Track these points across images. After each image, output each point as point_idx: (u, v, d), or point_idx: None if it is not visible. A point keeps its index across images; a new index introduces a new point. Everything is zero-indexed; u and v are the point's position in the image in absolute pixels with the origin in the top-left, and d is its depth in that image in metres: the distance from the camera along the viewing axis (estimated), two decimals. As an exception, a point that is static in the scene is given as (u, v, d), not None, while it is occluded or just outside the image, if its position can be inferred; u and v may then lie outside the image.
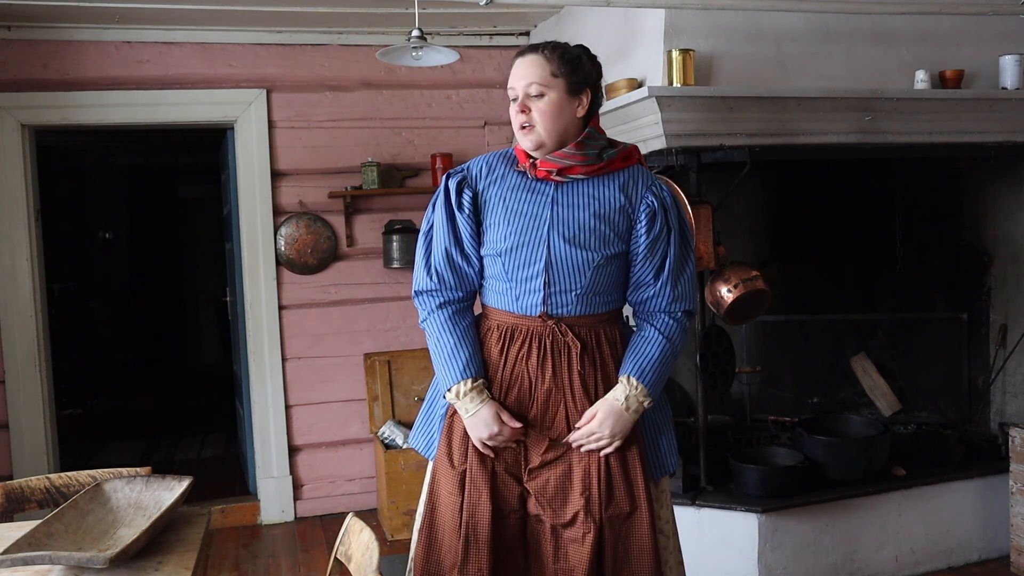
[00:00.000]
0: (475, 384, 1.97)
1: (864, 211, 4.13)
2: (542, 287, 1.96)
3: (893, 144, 3.37)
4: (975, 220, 3.96)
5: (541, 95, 1.93)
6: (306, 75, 4.39)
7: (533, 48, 1.97)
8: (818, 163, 3.55)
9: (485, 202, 2.01)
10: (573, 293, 1.96)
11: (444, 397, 2.04)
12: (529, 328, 1.99)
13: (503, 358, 2.00)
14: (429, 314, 2.09)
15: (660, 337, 2.00)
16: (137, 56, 4.16)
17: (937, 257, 4.08)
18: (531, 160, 1.98)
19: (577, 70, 1.95)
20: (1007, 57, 3.42)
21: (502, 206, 1.98)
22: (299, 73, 4.38)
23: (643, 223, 1.97)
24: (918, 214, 4.05)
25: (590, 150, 1.96)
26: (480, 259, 2.03)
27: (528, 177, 2.00)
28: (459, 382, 1.98)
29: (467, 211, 2.00)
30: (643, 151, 3.23)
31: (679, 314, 2.03)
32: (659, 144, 3.12)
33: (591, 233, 1.95)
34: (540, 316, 1.98)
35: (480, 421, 1.94)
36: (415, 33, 3.02)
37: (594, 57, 2.03)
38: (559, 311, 1.97)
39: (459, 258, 2.04)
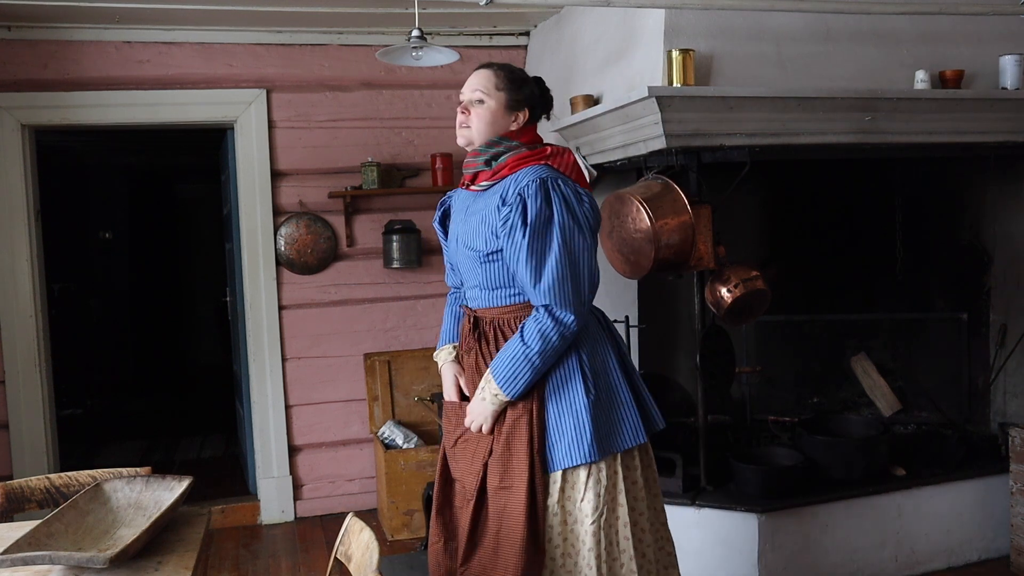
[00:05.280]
0: (443, 349, 2.42)
1: (864, 211, 4.13)
2: (461, 283, 2.33)
3: (893, 144, 3.37)
4: (975, 220, 3.96)
5: (481, 101, 2.19)
6: (306, 75, 4.39)
7: (489, 64, 2.27)
8: (818, 163, 3.55)
9: (452, 218, 2.38)
10: (477, 288, 2.23)
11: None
12: (464, 319, 2.34)
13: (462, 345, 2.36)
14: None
15: (516, 336, 2.12)
16: (137, 56, 4.17)
17: (937, 257, 4.08)
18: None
19: (519, 90, 2.21)
20: (1007, 57, 3.42)
21: (452, 218, 2.37)
22: (299, 73, 4.38)
23: (501, 221, 2.12)
24: (918, 214, 4.05)
25: (481, 156, 2.21)
26: (452, 261, 2.40)
27: (465, 191, 2.31)
28: (438, 352, 2.44)
29: (438, 220, 2.44)
30: (643, 151, 3.25)
31: (540, 311, 2.08)
32: (659, 144, 3.12)
33: (476, 235, 2.19)
34: (464, 307, 2.34)
35: (445, 381, 2.39)
36: (415, 33, 3.02)
37: (545, 88, 2.30)
38: (473, 304, 2.28)
39: (446, 260, 2.46)
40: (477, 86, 2.19)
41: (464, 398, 2.31)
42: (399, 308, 4.57)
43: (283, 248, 4.37)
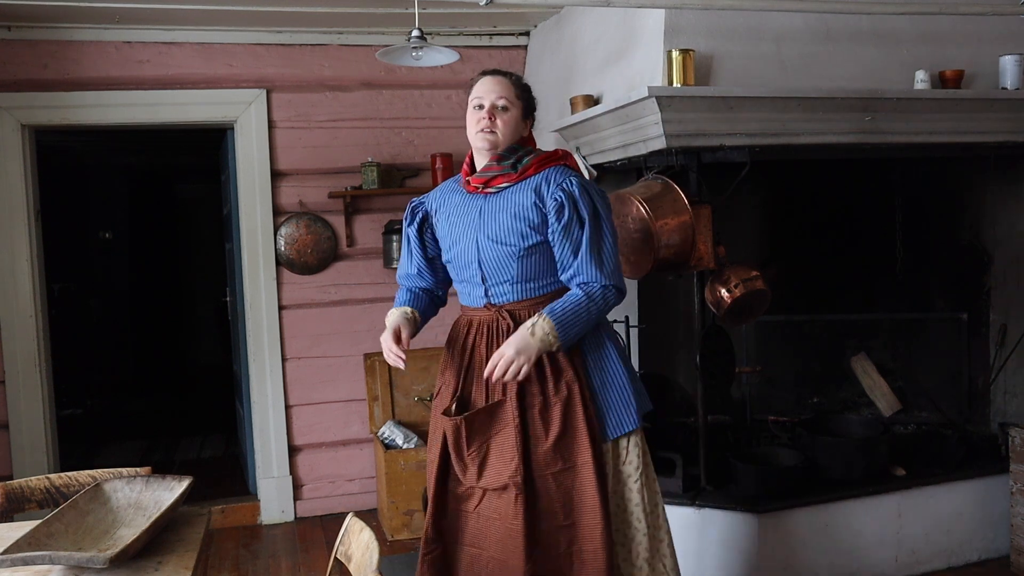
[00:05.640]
0: (400, 308, 2.45)
1: (864, 211, 4.13)
2: (481, 282, 2.34)
3: (893, 144, 3.37)
4: (975, 220, 3.96)
5: (507, 108, 2.31)
6: (306, 75, 4.38)
7: (503, 72, 2.39)
8: (818, 163, 3.55)
9: (437, 221, 2.45)
10: (508, 283, 2.31)
11: None
12: (480, 317, 2.36)
13: (467, 345, 2.37)
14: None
15: (579, 292, 2.26)
16: (137, 56, 4.16)
17: (937, 257, 4.08)
18: (467, 179, 2.38)
19: (530, 101, 2.40)
20: (1007, 57, 3.42)
21: (446, 221, 2.42)
22: (299, 73, 4.38)
23: (552, 213, 2.26)
24: (918, 214, 4.05)
25: (505, 161, 2.31)
26: (420, 265, 2.50)
27: (465, 194, 2.39)
28: (396, 308, 2.46)
29: (415, 227, 2.48)
30: (643, 151, 3.25)
31: (603, 285, 2.28)
32: (659, 144, 3.12)
33: (511, 231, 2.29)
34: (485, 306, 2.35)
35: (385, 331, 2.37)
36: (415, 33, 3.02)
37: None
38: (500, 300, 2.33)
39: (409, 267, 2.52)
40: (502, 93, 2.31)
41: (462, 409, 2.33)
42: (399, 308, 4.56)
43: (283, 248, 4.37)
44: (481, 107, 2.31)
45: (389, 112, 4.51)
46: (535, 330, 2.18)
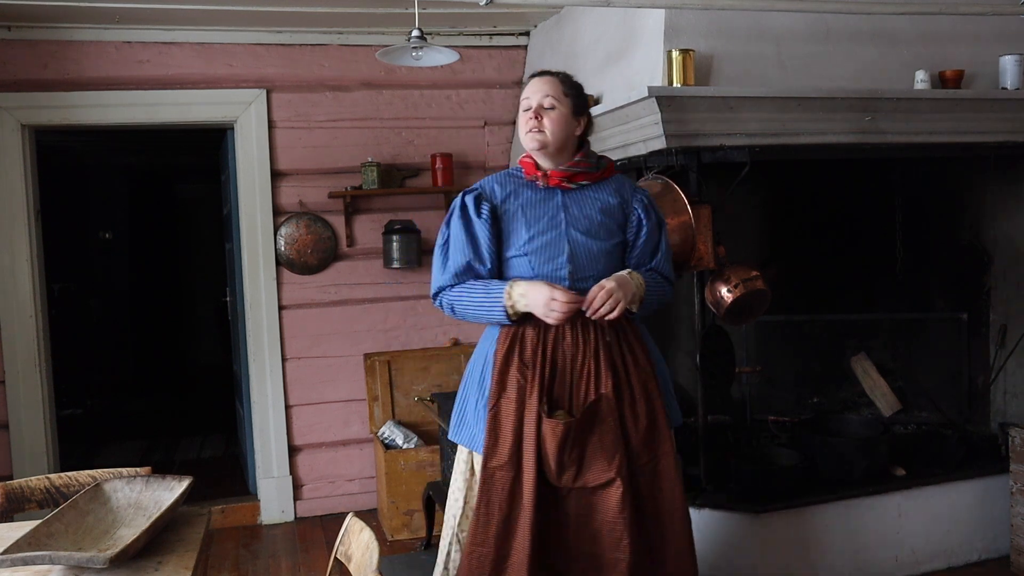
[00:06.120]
0: (512, 283, 2.27)
1: (864, 211, 4.13)
2: (568, 276, 2.30)
3: (893, 144, 3.37)
4: (975, 220, 3.96)
5: (553, 107, 2.32)
6: (306, 75, 4.39)
7: (550, 72, 2.40)
8: (818, 163, 3.55)
9: (504, 213, 2.35)
10: (592, 279, 2.29)
11: (509, 319, 2.27)
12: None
13: (540, 343, 2.27)
14: (449, 290, 2.37)
15: (658, 275, 2.43)
16: (137, 56, 4.17)
17: (937, 257, 4.08)
18: (543, 172, 2.35)
19: (580, 97, 2.40)
20: (1007, 57, 3.42)
21: (521, 214, 2.34)
22: (299, 73, 4.38)
23: (640, 215, 2.40)
24: (918, 214, 4.05)
25: (591, 159, 2.40)
26: (493, 261, 2.33)
27: (539, 188, 2.36)
28: (504, 293, 2.26)
29: (485, 219, 2.32)
30: (643, 151, 3.26)
31: (671, 283, 2.49)
32: (659, 144, 3.12)
33: (600, 226, 2.35)
34: None
35: (538, 293, 2.22)
36: (415, 33, 3.02)
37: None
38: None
39: (475, 262, 2.33)
40: (548, 92, 2.33)
41: (552, 409, 2.25)
42: (399, 308, 4.57)
43: (283, 248, 4.37)
44: (529, 108, 2.34)
45: (389, 112, 4.51)
46: (632, 278, 2.30)
